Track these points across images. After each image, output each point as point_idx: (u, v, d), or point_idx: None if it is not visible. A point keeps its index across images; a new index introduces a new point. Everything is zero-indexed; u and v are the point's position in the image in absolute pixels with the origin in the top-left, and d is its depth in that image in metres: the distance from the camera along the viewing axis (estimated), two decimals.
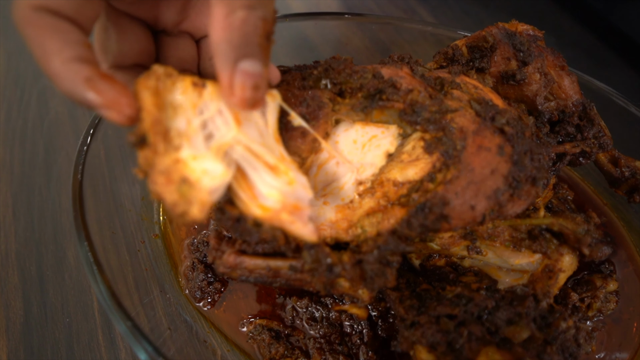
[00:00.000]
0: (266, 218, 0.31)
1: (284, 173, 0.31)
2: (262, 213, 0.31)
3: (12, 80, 0.73)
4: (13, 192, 0.60)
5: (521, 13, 0.81)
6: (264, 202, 0.31)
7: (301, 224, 0.32)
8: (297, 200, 0.32)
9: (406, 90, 0.38)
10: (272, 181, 0.31)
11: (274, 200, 0.31)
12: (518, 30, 0.42)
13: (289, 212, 0.31)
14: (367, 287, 0.34)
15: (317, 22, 0.61)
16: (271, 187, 0.31)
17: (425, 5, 0.79)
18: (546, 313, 0.36)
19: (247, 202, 0.31)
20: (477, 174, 0.35)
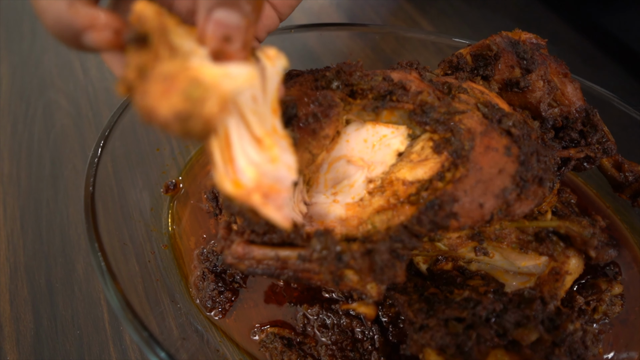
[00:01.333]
0: (236, 196, 0.28)
1: (268, 148, 0.29)
2: (233, 189, 0.28)
3: (17, 94, 0.74)
4: (21, 206, 0.61)
5: (518, 20, 0.83)
6: (240, 176, 0.28)
7: (274, 208, 0.29)
8: (276, 181, 0.29)
9: (415, 92, 0.39)
10: (254, 155, 0.28)
11: (249, 178, 0.28)
12: (521, 38, 0.44)
13: (263, 194, 0.29)
14: (376, 279, 0.35)
15: (321, 32, 0.63)
16: (250, 162, 0.28)
17: (425, 15, 0.81)
18: (554, 315, 0.37)
19: (223, 174, 0.28)
20: (485, 173, 0.36)
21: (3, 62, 0.79)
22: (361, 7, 0.83)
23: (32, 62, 0.79)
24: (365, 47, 0.68)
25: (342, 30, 0.63)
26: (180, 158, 0.60)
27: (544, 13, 0.83)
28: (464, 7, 0.83)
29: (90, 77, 0.76)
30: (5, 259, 0.57)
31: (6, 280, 0.56)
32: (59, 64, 0.78)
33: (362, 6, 0.83)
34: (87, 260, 0.57)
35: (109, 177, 0.53)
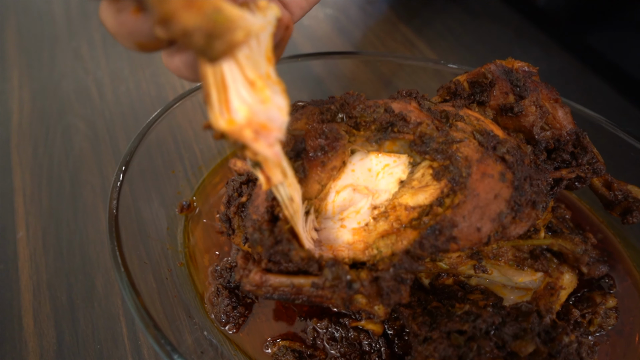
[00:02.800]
0: (230, 131, 0.30)
1: (260, 90, 0.31)
2: (226, 126, 0.30)
3: (37, 119, 0.77)
4: (42, 226, 0.64)
5: (512, 42, 0.86)
6: (233, 115, 0.30)
7: (265, 143, 0.31)
8: (268, 120, 0.31)
9: (415, 123, 0.42)
10: (247, 96, 0.30)
11: (241, 116, 0.30)
12: (514, 67, 0.46)
13: (254, 130, 0.31)
14: (383, 302, 0.37)
15: (325, 59, 0.66)
16: (243, 101, 0.30)
17: (423, 38, 0.84)
18: (549, 328, 0.39)
19: (218, 113, 0.30)
20: (482, 199, 0.38)
21: (24, 88, 0.82)
22: (362, 31, 0.86)
23: (52, 88, 0.82)
24: (367, 70, 0.70)
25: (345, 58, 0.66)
26: (193, 179, 0.63)
27: (537, 35, 0.85)
28: (459, 29, 0.86)
29: (107, 102, 0.79)
30: (29, 277, 0.59)
31: (30, 297, 0.58)
32: (77, 89, 0.81)
33: (363, 30, 0.86)
34: (106, 277, 0.59)
35: (127, 199, 0.55)
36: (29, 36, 0.92)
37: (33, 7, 0.99)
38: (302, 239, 0.39)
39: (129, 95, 0.79)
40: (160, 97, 0.79)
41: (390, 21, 0.88)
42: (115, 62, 0.85)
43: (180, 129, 0.63)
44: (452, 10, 0.91)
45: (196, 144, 0.65)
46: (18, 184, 0.68)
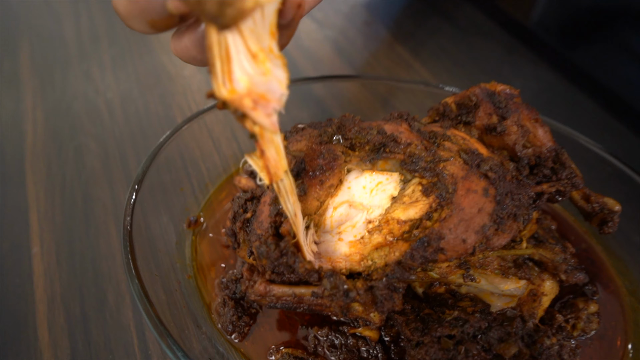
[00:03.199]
0: (231, 100, 0.31)
1: (262, 62, 0.32)
2: (227, 95, 0.31)
3: (51, 138, 0.81)
4: (56, 241, 0.67)
5: (502, 60, 0.90)
6: (235, 85, 0.31)
7: (263, 113, 0.33)
8: (267, 91, 0.33)
9: (405, 143, 0.45)
10: (248, 67, 0.32)
11: (242, 85, 0.31)
12: (497, 90, 0.50)
13: (253, 99, 0.32)
14: (378, 310, 0.40)
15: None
16: (245, 72, 0.31)
17: (418, 58, 0.88)
18: (532, 332, 0.42)
19: (221, 83, 0.31)
20: (466, 213, 0.42)
21: (38, 109, 0.86)
22: (360, 52, 0.90)
23: (64, 108, 0.86)
24: (365, 91, 0.74)
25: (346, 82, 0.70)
26: (200, 196, 0.66)
27: (526, 53, 0.89)
28: (452, 49, 0.90)
29: (117, 122, 0.82)
30: (43, 290, 0.62)
31: (44, 310, 0.61)
32: (88, 110, 0.85)
33: (361, 51, 0.90)
34: (117, 290, 0.62)
35: (138, 215, 0.58)
36: (42, 59, 0.97)
37: (45, 31, 1.03)
38: (304, 252, 0.42)
39: (137, 115, 0.83)
40: (168, 116, 0.83)
41: (387, 42, 0.92)
42: (124, 84, 0.89)
43: (188, 149, 0.66)
44: (445, 31, 0.95)
45: (202, 163, 0.68)
46: (32, 201, 0.72)
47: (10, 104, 0.87)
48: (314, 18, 0.99)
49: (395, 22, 0.97)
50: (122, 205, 0.71)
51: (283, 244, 0.41)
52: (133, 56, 0.95)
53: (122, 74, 0.92)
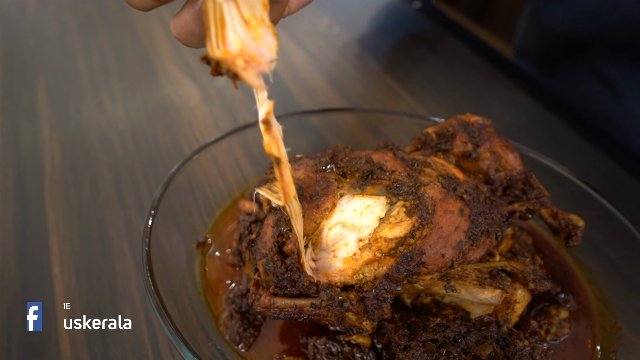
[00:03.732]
0: (223, 59, 0.33)
1: (253, 28, 0.34)
2: (221, 55, 0.33)
3: (67, 168, 0.86)
4: (75, 262, 0.71)
5: (483, 88, 0.96)
6: (228, 47, 0.34)
7: (253, 72, 0.35)
8: (258, 54, 0.35)
9: (390, 170, 0.51)
10: (241, 32, 0.34)
11: (235, 47, 0.34)
12: (471, 120, 0.56)
13: (245, 61, 0.34)
14: (369, 318, 0.46)
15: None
16: (237, 36, 0.34)
17: (405, 87, 0.94)
18: (506, 335, 0.47)
19: (215, 45, 0.33)
20: (444, 231, 0.47)
21: (55, 140, 0.91)
22: (351, 82, 0.96)
23: (79, 139, 0.91)
24: (358, 120, 0.80)
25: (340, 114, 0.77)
26: (207, 219, 0.71)
27: (505, 80, 0.96)
28: (437, 79, 0.96)
29: (128, 151, 0.88)
30: (64, 307, 0.67)
31: (65, 331, 0.66)
32: (101, 140, 0.90)
33: (352, 82, 0.96)
34: (132, 306, 0.66)
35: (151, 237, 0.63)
36: (57, 93, 1.03)
37: (60, 67, 1.10)
38: (304, 268, 0.48)
39: (147, 145, 0.89)
40: (175, 145, 0.88)
41: (377, 73, 0.98)
42: (134, 116, 0.95)
43: (195, 176, 0.71)
44: (430, 62, 1.02)
45: (209, 188, 0.73)
46: (52, 226, 0.77)
47: (29, 136, 0.93)
48: (309, 52, 1.06)
49: (384, 55, 1.04)
50: (135, 228, 0.76)
51: (289, 261, 0.46)
52: (142, 90, 1.01)
53: (132, 107, 0.98)
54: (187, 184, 0.70)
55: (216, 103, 0.96)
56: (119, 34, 1.17)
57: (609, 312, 0.56)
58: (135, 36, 1.16)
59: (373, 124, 0.80)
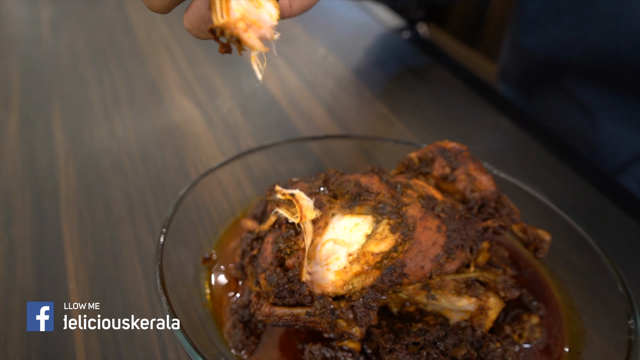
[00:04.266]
0: (226, 24, 0.37)
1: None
2: (224, 21, 0.36)
3: (81, 190, 0.91)
4: (89, 278, 0.76)
5: (467, 112, 1.03)
6: (231, 14, 0.37)
7: (254, 35, 0.38)
8: (259, 20, 0.38)
9: (376, 192, 0.57)
10: (244, 2, 0.38)
11: (237, 14, 0.37)
12: (448, 147, 0.62)
13: (246, 24, 0.37)
14: (358, 324, 0.51)
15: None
16: (239, 4, 0.37)
17: (395, 113, 1.01)
18: (479, 338, 0.52)
19: (219, 16, 0.37)
20: (423, 245, 0.53)
21: (69, 164, 0.97)
22: (345, 109, 1.03)
23: (92, 163, 0.97)
24: (352, 145, 0.86)
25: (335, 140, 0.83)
26: (212, 236, 0.76)
27: (487, 105, 1.03)
28: (424, 104, 1.03)
29: (138, 174, 0.93)
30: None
31: (81, 337, 0.70)
32: (113, 164, 0.96)
33: (346, 108, 1.03)
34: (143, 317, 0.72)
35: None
36: (72, 120, 1.09)
37: (74, 95, 1.17)
38: (303, 280, 0.53)
39: (156, 168, 0.95)
40: (182, 168, 0.94)
41: (369, 100, 1.05)
42: (144, 140, 1.02)
43: (201, 197, 0.77)
44: (419, 89, 1.09)
45: (214, 209, 0.79)
46: (68, 243, 0.82)
47: (45, 160, 0.99)
48: (306, 80, 1.13)
49: (376, 83, 1.11)
50: (145, 246, 0.81)
51: (291, 273, 0.52)
52: (151, 116, 1.08)
53: (141, 132, 1.04)
54: (193, 205, 0.75)
55: (220, 128, 1.03)
56: (128, 64, 1.24)
57: (577, 317, 0.61)
58: (144, 66, 1.23)
59: (365, 149, 0.86)
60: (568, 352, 0.58)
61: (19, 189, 0.93)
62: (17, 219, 0.87)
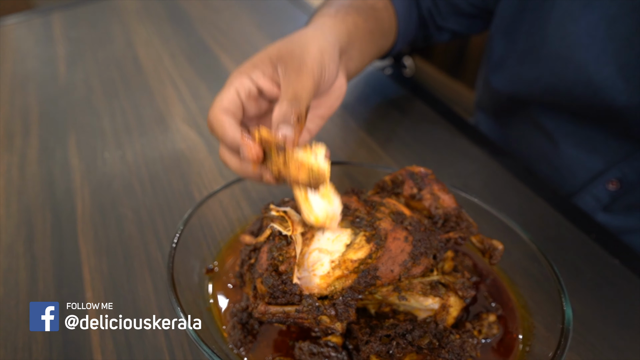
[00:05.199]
0: (318, 224, 0.59)
1: (326, 197, 0.58)
2: (315, 221, 0.58)
3: (96, 210, 1.00)
4: (104, 288, 0.84)
5: (448, 146, 1.13)
6: (317, 214, 0.58)
7: (334, 225, 0.61)
8: (333, 213, 0.59)
9: (354, 209, 0.67)
10: (320, 203, 0.58)
11: (322, 215, 0.58)
12: (416, 170, 0.72)
13: (329, 220, 0.59)
14: (339, 320, 0.59)
15: None
16: (319, 206, 0.58)
17: (379, 144, 1.11)
18: (442, 331, 0.61)
19: (307, 215, 0.58)
20: (393, 253, 0.62)
21: (85, 187, 1.06)
22: (332, 137, 1.13)
23: (105, 186, 1.06)
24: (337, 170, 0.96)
25: None
26: (214, 250, 0.84)
27: (460, 137, 1.14)
28: (406, 137, 1.12)
29: (148, 196, 1.02)
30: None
31: (97, 339, 0.77)
32: (125, 187, 1.05)
33: (333, 137, 1.13)
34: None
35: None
36: (86, 147, 1.18)
37: (88, 125, 1.26)
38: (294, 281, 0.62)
39: (163, 191, 1.04)
40: (187, 191, 1.03)
41: (353, 129, 1.15)
42: (152, 166, 1.11)
43: (204, 215, 0.84)
44: (399, 120, 1.19)
45: (215, 226, 0.87)
46: (84, 258, 0.90)
47: (62, 184, 1.08)
48: None
49: (360, 115, 1.21)
50: (154, 259, 0.89)
51: (285, 277, 0.61)
52: (158, 144, 1.18)
53: (150, 159, 1.13)
54: (198, 223, 0.84)
55: None
56: (138, 97, 1.35)
57: (529, 315, 0.70)
58: (152, 98, 1.34)
59: (349, 172, 0.96)
60: (521, 344, 0.67)
61: (39, 209, 1.01)
62: (38, 236, 0.96)
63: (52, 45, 1.65)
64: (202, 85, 1.40)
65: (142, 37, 1.68)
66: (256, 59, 0.65)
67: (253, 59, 0.66)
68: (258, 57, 0.65)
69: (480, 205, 0.75)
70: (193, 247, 0.81)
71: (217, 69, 1.46)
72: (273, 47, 0.66)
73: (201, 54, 1.55)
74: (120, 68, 1.50)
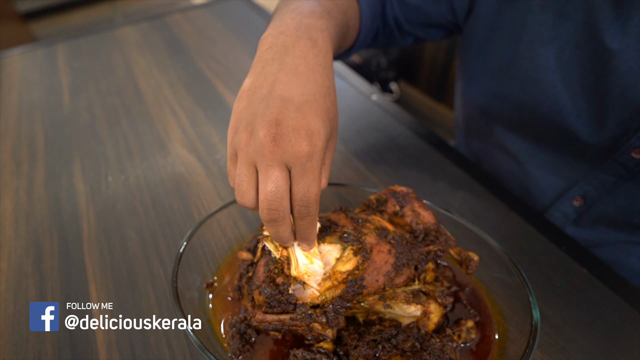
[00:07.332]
0: (298, 276, 0.63)
1: (311, 257, 0.62)
2: (296, 274, 0.63)
3: (101, 231, 1.05)
4: (109, 299, 0.89)
5: (433, 167, 1.20)
6: (300, 269, 0.63)
7: (313, 281, 0.63)
8: (313, 271, 0.63)
9: (342, 225, 0.72)
10: (304, 261, 0.64)
11: (303, 270, 0.63)
12: (398, 190, 0.78)
13: (308, 275, 0.63)
14: (330, 326, 0.64)
15: None
16: (303, 264, 0.62)
17: (368, 167, 1.18)
18: (423, 335, 0.66)
19: (293, 270, 0.63)
20: (378, 264, 0.67)
21: (90, 210, 1.11)
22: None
23: (109, 208, 1.11)
24: (331, 192, 1.02)
25: None
26: (213, 266, 0.89)
27: (441, 158, 1.20)
28: (393, 161, 1.19)
29: (150, 217, 1.07)
30: (102, 338, 0.83)
31: (104, 352, 0.81)
32: (128, 209, 1.10)
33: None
34: (157, 336, 0.82)
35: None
36: (91, 172, 1.23)
37: (92, 151, 1.31)
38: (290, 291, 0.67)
39: (165, 212, 1.09)
40: (187, 212, 1.08)
41: (346, 157, 1.22)
42: (154, 189, 1.16)
43: (204, 236, 0.89)
44: (384, 144, 1.26)
45: (214, 244, 0.92)
46: (91, 276, 0.94)
47: (69, 206, 1.12)
48: None
49: (348, 139, 1.28)
50: (156, 277, 0.94)
51: (282, 287, 0.66)
52: (159, 169, 1.23)
53: (151, 182, 1.19)
54: (198, 242, 0.88)
55: (218, 178, 1.18)
56: (139, 123, 1.40)
57: (504, 321, 0.75)
58: (153, 125, 1.40)
59: (339, 192, 1.02)
60: (497, 347, 0.72)
61: (47, 231, 1.05)
62: (46, 256, 0.99)
63: (57, 75, 1.71)
64: (200, 112, 1.46)
65: (142, 67, 1.75)
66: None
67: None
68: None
69: (458, 221, 0.81)
70: (194, 263, 0.86)
71: (213, 96, 1.53)
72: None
73: (198, 83, 1.62)
74: (121, 96, 1.55)
